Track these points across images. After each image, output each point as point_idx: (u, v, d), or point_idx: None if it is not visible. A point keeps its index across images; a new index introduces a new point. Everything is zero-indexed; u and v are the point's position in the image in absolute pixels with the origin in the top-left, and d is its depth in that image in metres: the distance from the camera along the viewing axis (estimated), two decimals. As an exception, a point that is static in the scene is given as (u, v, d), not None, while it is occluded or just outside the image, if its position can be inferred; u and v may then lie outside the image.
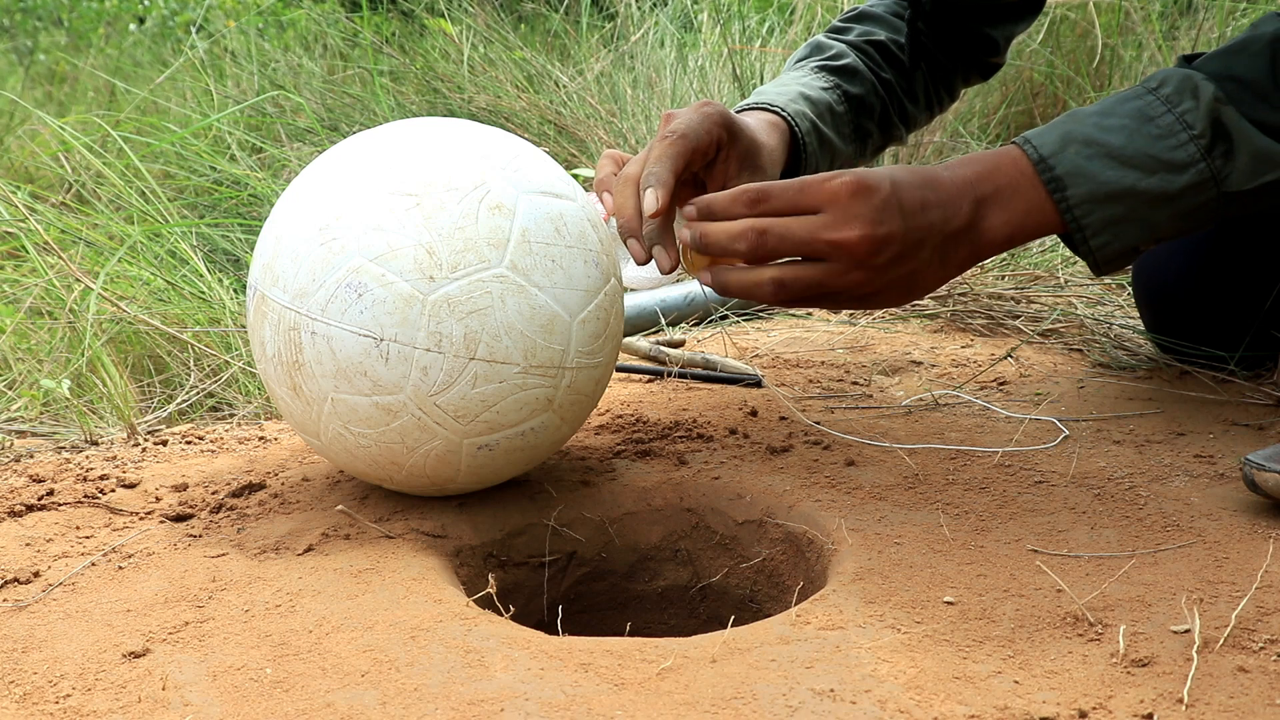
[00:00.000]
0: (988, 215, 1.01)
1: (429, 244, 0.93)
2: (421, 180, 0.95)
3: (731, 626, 0.84)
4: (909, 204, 0.99)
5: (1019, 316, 1.68)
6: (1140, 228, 1.02)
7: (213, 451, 1.26)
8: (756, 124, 1.24)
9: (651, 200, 1.05)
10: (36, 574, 0.96)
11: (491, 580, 0.91)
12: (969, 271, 1.80)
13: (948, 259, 1.02)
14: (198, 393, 1.52)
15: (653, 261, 1.11)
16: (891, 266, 1.00)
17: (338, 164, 1.00)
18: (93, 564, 0.98)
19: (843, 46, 1.43)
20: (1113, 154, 1.00)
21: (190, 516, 1.07)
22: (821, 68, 1.39)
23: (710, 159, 1.14)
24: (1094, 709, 0.72)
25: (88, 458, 1.25)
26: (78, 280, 1.60)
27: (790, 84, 1.35)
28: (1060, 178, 1.01)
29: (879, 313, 1.73)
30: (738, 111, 1.27)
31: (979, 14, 1.44)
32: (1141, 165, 1.00)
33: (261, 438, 1.30)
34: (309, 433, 1.01)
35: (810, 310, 1.78)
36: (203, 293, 1.73)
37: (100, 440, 1.34)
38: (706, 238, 1.01)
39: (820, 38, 1.47)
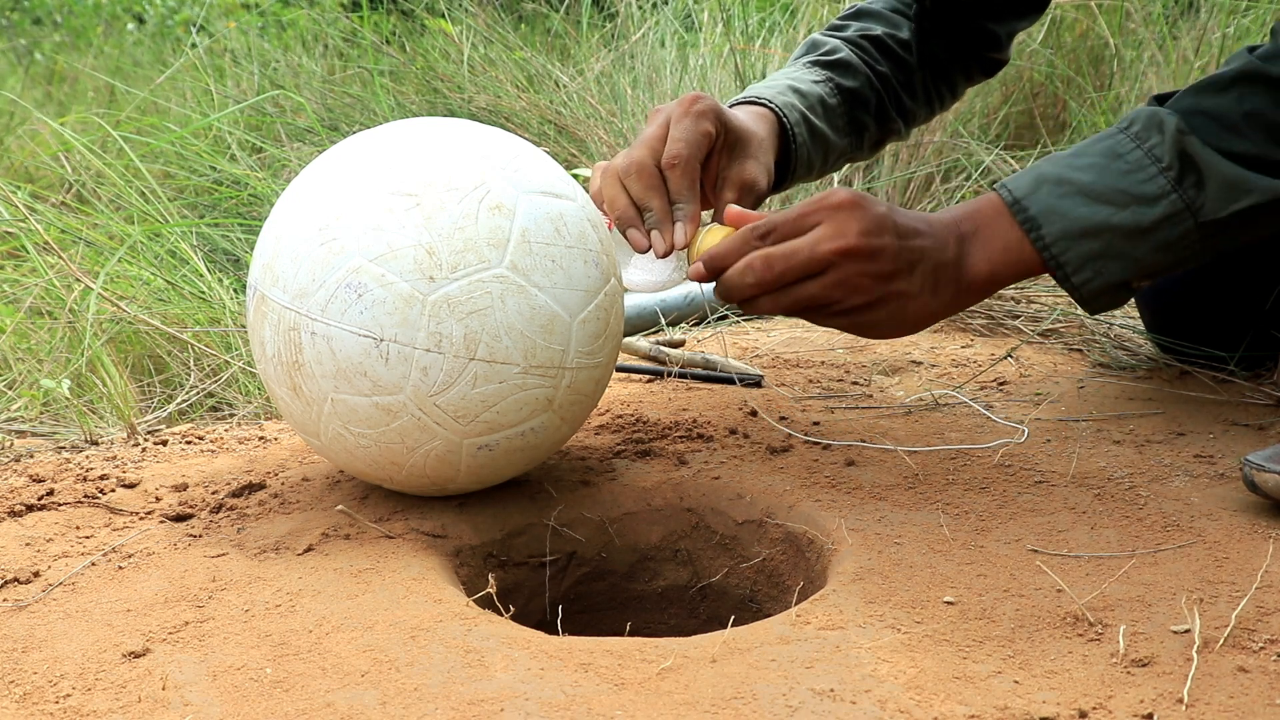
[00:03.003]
0: (970, 252, 1.05)
1: (429, 244, 0.93)
2: (421, 180, 0.95)
3: (731, 626, 0.84)
4: (903, 226, 1.03)
5: (1019, 316, 1.68)
6: (1122, 263, 1.03)
7: (213, 451, 1.26)
8: (746, 116, 1.24)
9: (681, 234, 1.10)
10: (36, 574, 0.96)
11: (491, 580, 0.91)
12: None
13: (938, 291, 1.05)
14: (198, 393, 1.52)
15: (655, 265, 1.12)
16: (886, 282, 1.03)
17: (337, 164, 1.00)
18: (93, 564, 0.98)
19: (837, 42, 1.43)
20: (1084, 191, 1.03)
21: (190, 516, 1.07)
22: (814, 63, 1.40)
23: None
24: (1094, 709, 0.73)
25: (88, 458, 1.25)
26: (78, 280, 1.60)
27: (780, 79, 1.36)
28: (1034, 217, 1.03)
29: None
30: (729, 106, 1.28)
31: (982, 9, 1.44)
32: (1113, 200, 1.02)
33: (261, 438, 1.30)
34: (309, 433, 1.01)
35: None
36: (203, 293, 1.73)
37: (100, 440, 1.34)
38: (721, 285, 1.05)
39: (816, 35, 1.47)
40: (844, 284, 1.03)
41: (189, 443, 1.30)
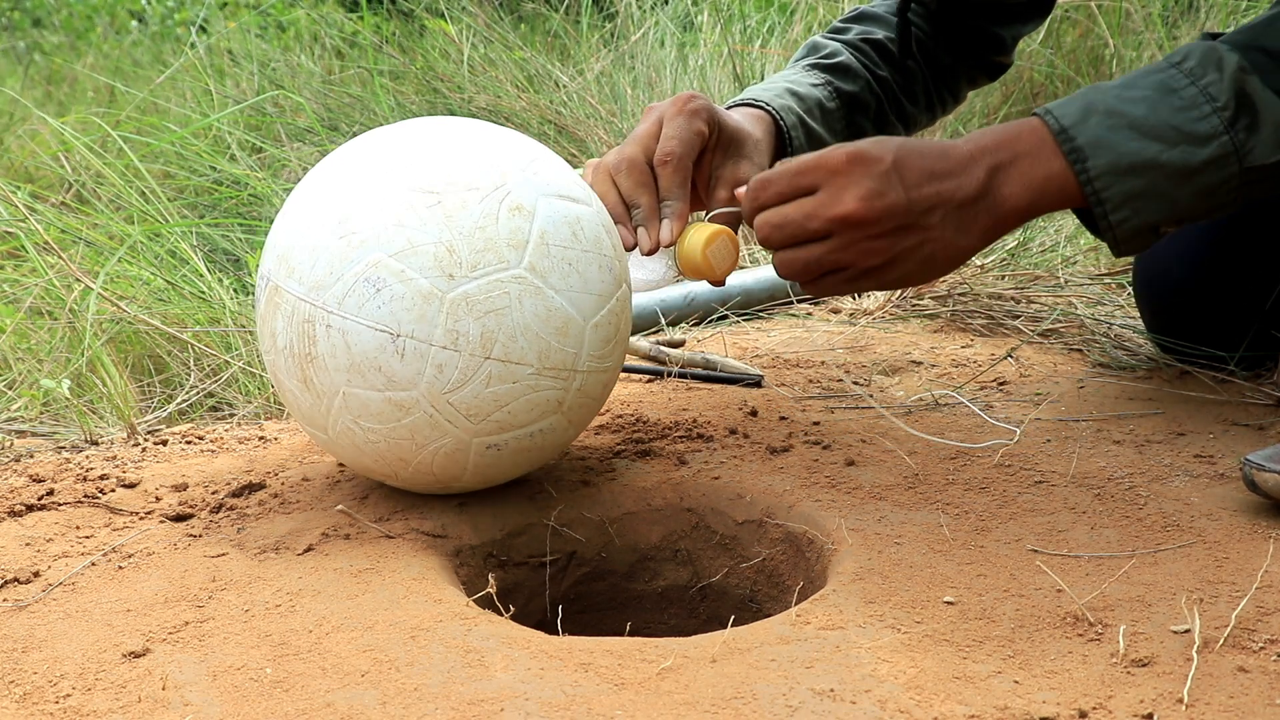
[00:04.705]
0: (1006, 183, 1.00)
1: (450, 242, 0.93)
2: (443, 178, 0.95)
3: (731, 626, 0.84)
4: (912, 173, 0.99)
5: (1019, 316, 1.68)
6: (1161, 204, 1.00)
7: (213, 451, 1.26)
8: (742, 117, 1.24)
9: (667, 232, 1.10)
10: (36, 574, 0.96)
11: (491, 580, 0.91)
12: (968, 271, 1.80)
13: (967, 228, 1.01)
14: (198, 393, 1.52)
15: (648, 264, 1.12)
16: (898, 238, 1.00)
17: (356, 159, 1.00)
18: (93, 564, 0.98)
19: (838, 45, 1.43)
20: (1135, 125, 0.99)
21: (190, 516, 1.07)
22: (814, 66, 1.40)
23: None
24: (1094, 709, 0.73)
25: (88, 458, 1.25)
26: (78, 280, 1.60)
27: (778, 81, 1.36)
28: (1081, 148, 0.99)
29: (878, 312, 1.73)
30: (727, 108, 1.28)
31: (987, 12, 1.44)
32: (1164, 137, 0.98)
33: (261, 438, 1.30)
34: (316, 426, 1.01)
35: (810, 311, 1.78)
36: (203, 293, 1.73)
37: (100, 440, 1.34)
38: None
39: (817, 38, 1.47)
40: (850, 249, 1.00)
41: (189, 443, 1.30)
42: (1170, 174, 0.99)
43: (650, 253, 1.11)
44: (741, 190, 1.08)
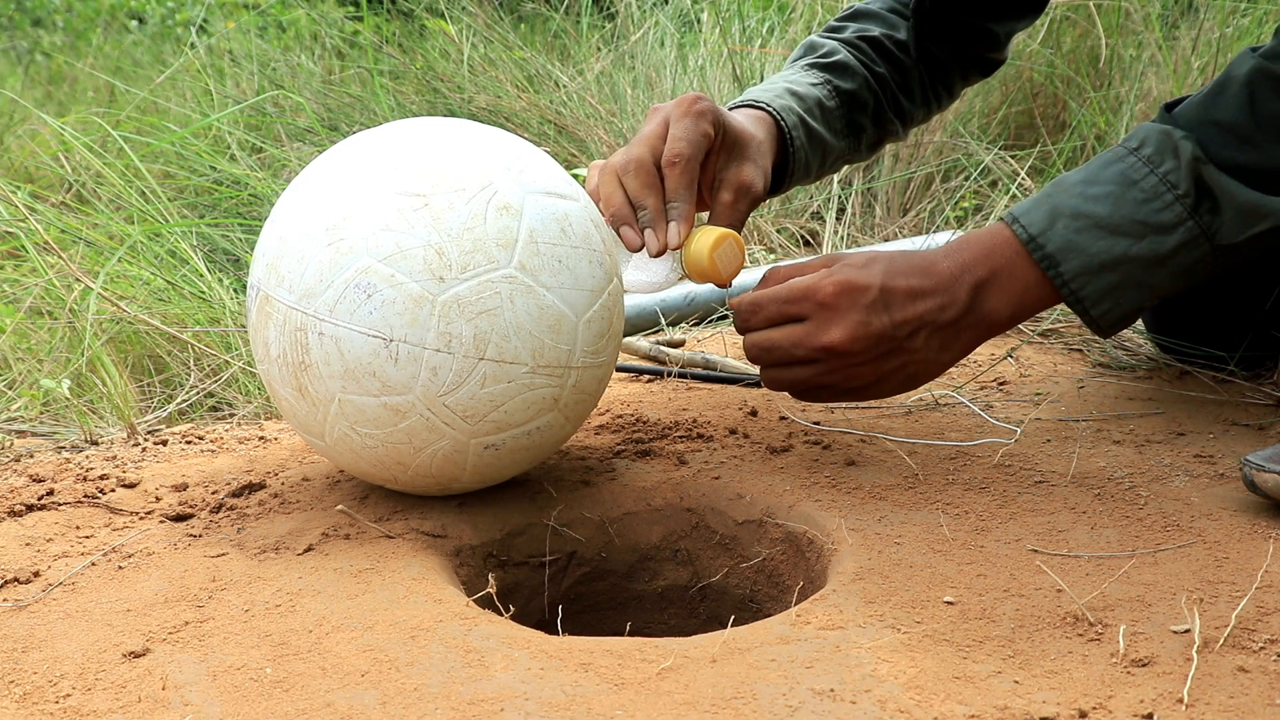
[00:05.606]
0: (989, 299, 1.04)
1: (438, 245, 0.93)
2: (429, 180, 0.95)
3: (731, 626, 0.84)
4: (898, 297, 1.03)
5: (1019, 316, 1.68)
6: (1139, 291, 1.03)
7: (213, 451, 1.26)
8: (744, 119, 1.24)
9: (675, 234, 1.10)
10: (36, 574, 0.96)
11: (491, 580, 0.92)
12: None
13: (949, 345, 1.05)
14: (198, 393, 1.52)
15: (651, 265, 1.13)
16: (882, 361, 1.05)
17: (342, 163, 0.99)
18: (93, 564, 0.98)
19: (835, 44, 1.43)
20: (1101, 224, 1.02)
21: (190, 516, 1.07)
22: (812, 65, 1.40)
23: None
24: (1094, 709, 0.73)
25: (88, 458, 1.25)
26: (78, 280, 1.60)
27: (778, 82, 1.36)
28: (1051, 255, 1.02)
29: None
30: (728, 110, 1.28)
31: (981, 9, 1.44)
32: (1130, 231, 1.01)
33: (261, 438, 1.30)
34: (313, 434, 1.01)
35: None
36: (203, 293, 1.73)
37: (100, 440, 1.34)
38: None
39: (814, 37, 1.47)
40: (836, 373, 1.06)
41: (189, 443, 1.30)
42: (1143, 264, 1.02)
43: (658, 255, 1.11)
44: (745, 177, 1.12)
